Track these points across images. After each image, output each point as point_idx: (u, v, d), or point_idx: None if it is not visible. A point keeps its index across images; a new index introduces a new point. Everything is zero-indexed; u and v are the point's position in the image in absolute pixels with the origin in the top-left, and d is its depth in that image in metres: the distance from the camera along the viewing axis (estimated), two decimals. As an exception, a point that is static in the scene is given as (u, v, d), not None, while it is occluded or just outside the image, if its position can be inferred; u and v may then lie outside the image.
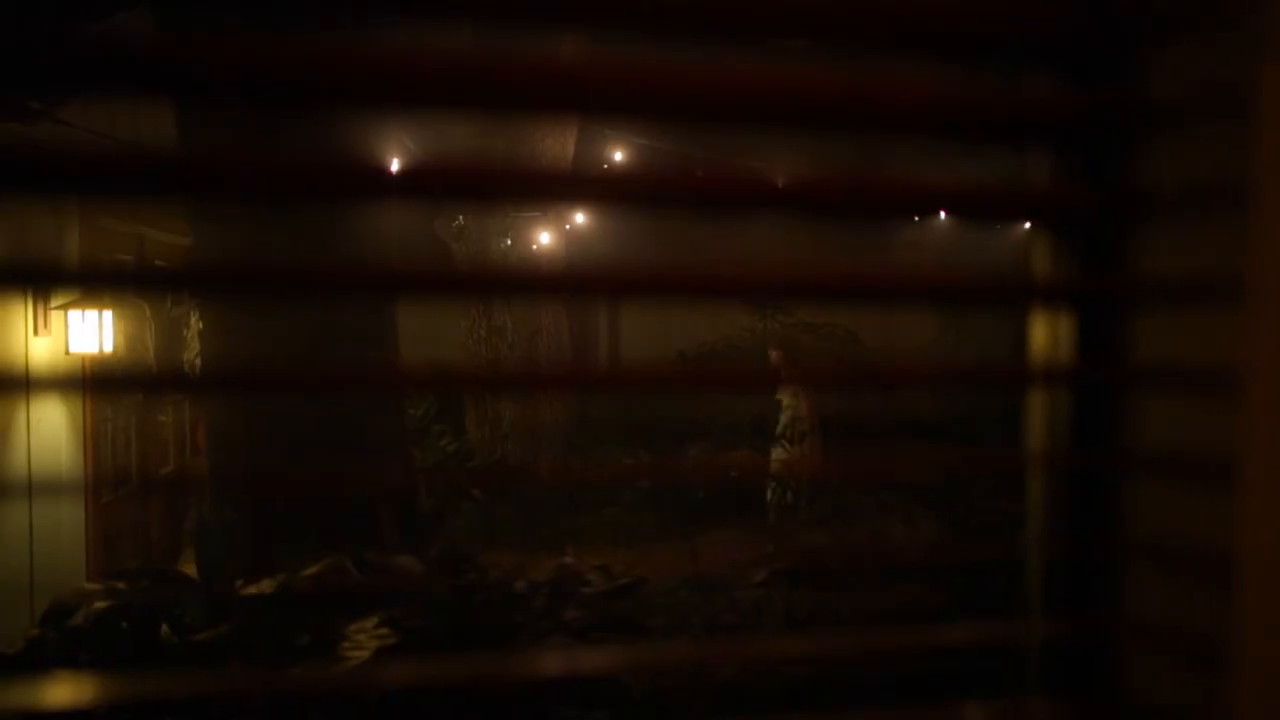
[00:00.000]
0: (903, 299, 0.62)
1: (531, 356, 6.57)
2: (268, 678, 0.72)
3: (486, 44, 0.50)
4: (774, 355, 5.71)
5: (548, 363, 6.61)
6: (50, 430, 3.85)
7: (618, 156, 6.40)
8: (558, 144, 6.31)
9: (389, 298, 3.21)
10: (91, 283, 0.56)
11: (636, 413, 6.78)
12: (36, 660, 2.20)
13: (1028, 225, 0.62)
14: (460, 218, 5.58)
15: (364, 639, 1.89)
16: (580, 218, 6.47)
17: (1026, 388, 0.57)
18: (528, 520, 5.29)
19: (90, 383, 0.90)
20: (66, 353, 3.77)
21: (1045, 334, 0.59)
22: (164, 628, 2.25)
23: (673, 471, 3.77)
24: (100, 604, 2.39)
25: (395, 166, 0.53)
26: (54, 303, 3.76)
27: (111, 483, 4.63)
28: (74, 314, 3.73)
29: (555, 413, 6.74)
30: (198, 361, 5.58)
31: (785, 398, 5.41)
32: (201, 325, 3.91)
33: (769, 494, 5.29)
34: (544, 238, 6.28)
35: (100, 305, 3.75)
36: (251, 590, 2.20)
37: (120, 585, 2.51)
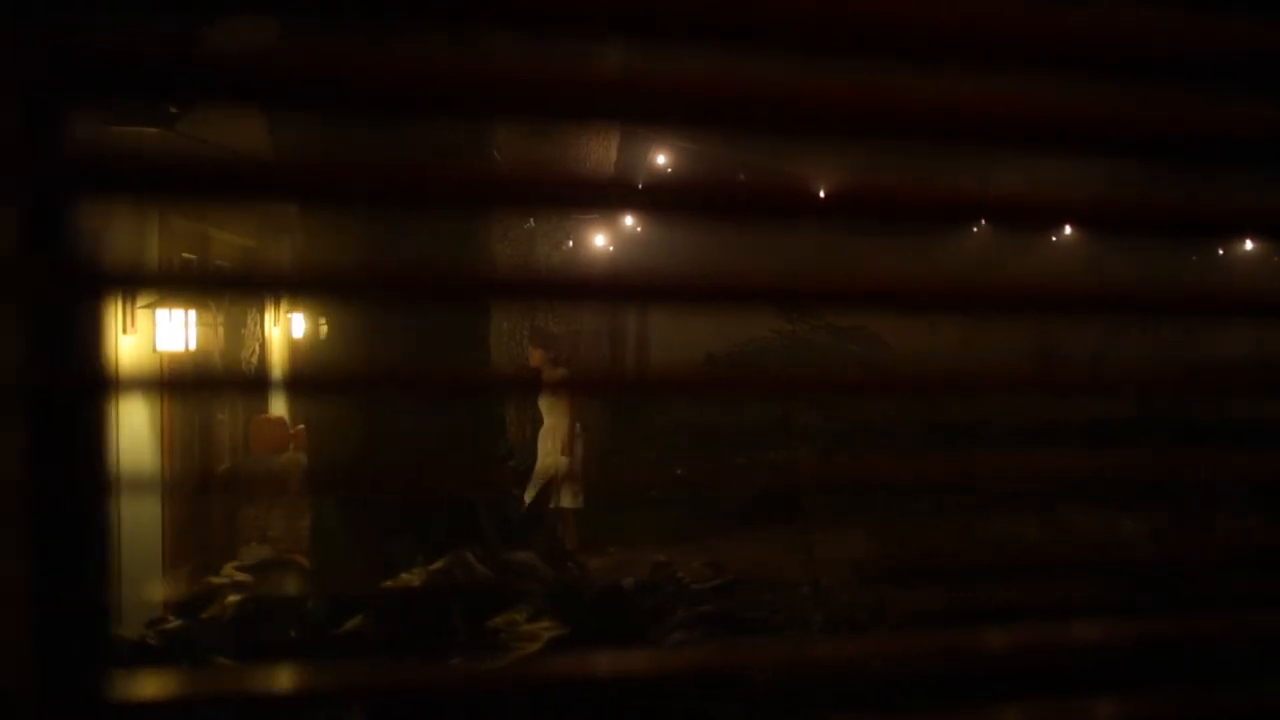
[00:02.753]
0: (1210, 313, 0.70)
1: (573, 359, 6.65)
2: (420, 671, 0.71)
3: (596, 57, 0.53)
4: (535, 355, 4.89)
5: (592, 366, 6.69)
6: (132, 426, 3.93)
7: (661, 160, 6.49)
8: (601, 148, 6.41)
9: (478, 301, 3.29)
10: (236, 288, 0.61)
11: (673, 415, 6.86)
12: (178, 651, 2.28)
13: None
14: (532, 220, 5.66)
15: (521, 631, 1.98)
16: (630, 220, 6.56)
17: None
18: (579, 520, 5.38)
19: (196, 382, 1.00)
20: (153, 350, 3.85)
21: None
22: (299, 620, 2.32)
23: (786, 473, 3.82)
24: (233, 596, 2.46)
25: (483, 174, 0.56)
26: (141, 302, 3.84)
27: (186, 478, 4.70)
28: (161, 313, 3.81)
29: (592, 414, 6.82)
30: (254, 360, 5.65)
31: (544, 404, 4.77)
32: (325, 325, 3.99)
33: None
34: (597, 240, 6.36)
35: (184, 305, 3.83)
36: (389, 584, 2.29)
37: (246, 578, 2.59)
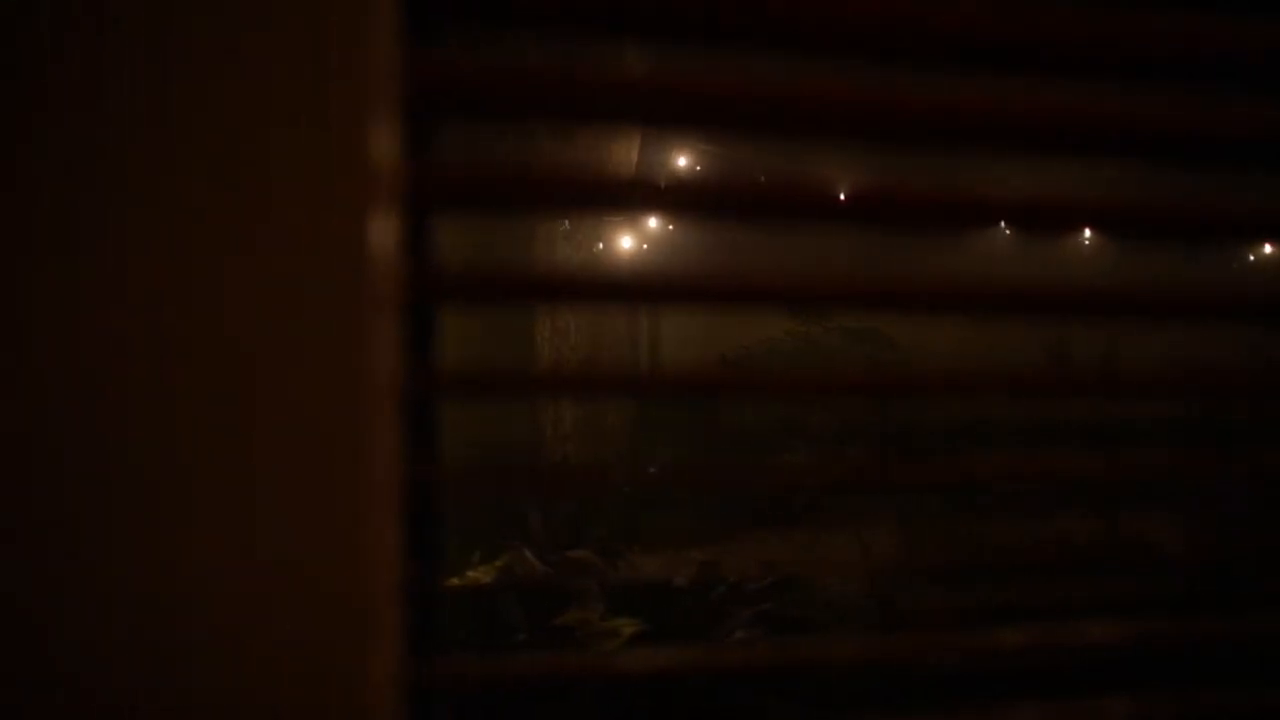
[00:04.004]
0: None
1: (594, 359, 6.69)
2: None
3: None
4: None
5: (615, 365, 6.72)
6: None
7: (682, 162, 6.52)
8: (623, 149, 6.43)
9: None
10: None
11: (688, 416, 6.89)
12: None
13: None
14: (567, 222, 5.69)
15: (599, 628, 2.00)
16: (653, 222, 6.59)
17: None
18: (602, 519, 5.39)
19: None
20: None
21: None
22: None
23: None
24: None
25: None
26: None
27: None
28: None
29: (616, 414, 6.86)
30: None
31: None
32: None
33: None
34: (624, 243, 6.39)
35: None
36: (454, 581, 2.31)
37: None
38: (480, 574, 2.32)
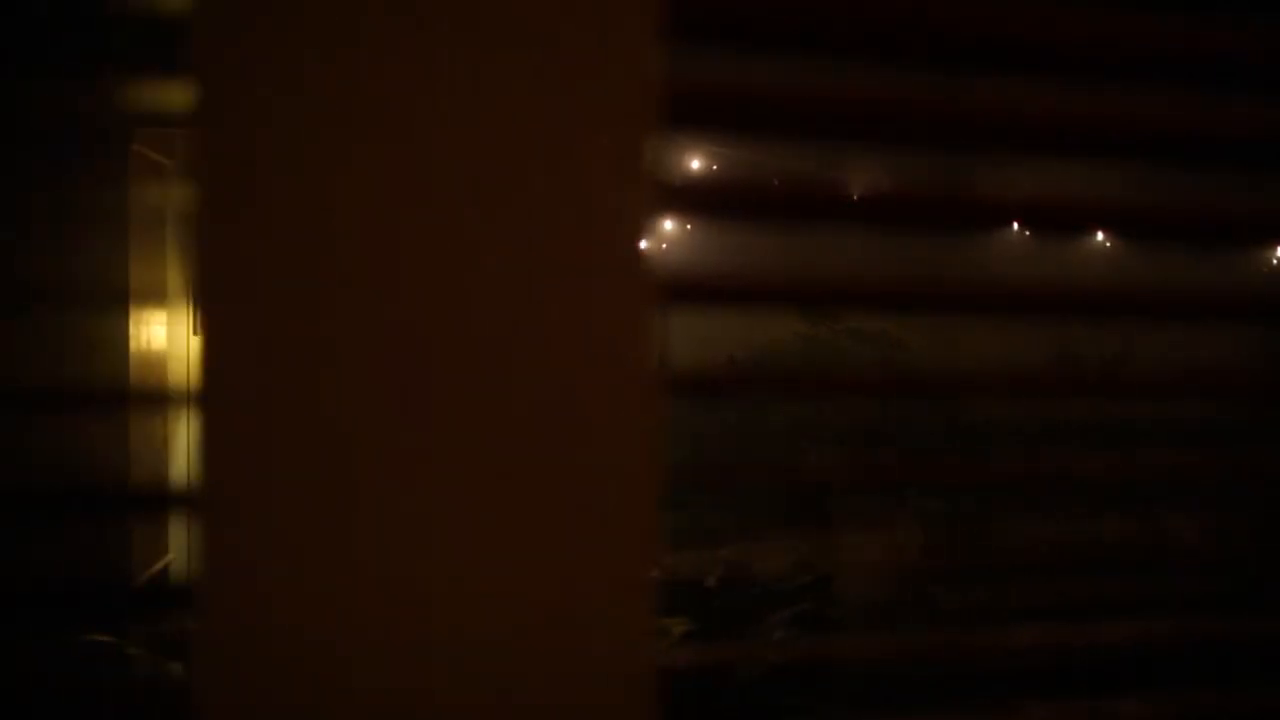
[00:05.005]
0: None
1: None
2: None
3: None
4: None
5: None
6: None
7: (695, 165, 6.53)
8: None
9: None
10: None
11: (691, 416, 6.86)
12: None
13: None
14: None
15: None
16: (668, 224, 6.60)
17: None
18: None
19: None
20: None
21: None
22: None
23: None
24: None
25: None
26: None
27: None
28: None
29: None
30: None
31: None
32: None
33: None
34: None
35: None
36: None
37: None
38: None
